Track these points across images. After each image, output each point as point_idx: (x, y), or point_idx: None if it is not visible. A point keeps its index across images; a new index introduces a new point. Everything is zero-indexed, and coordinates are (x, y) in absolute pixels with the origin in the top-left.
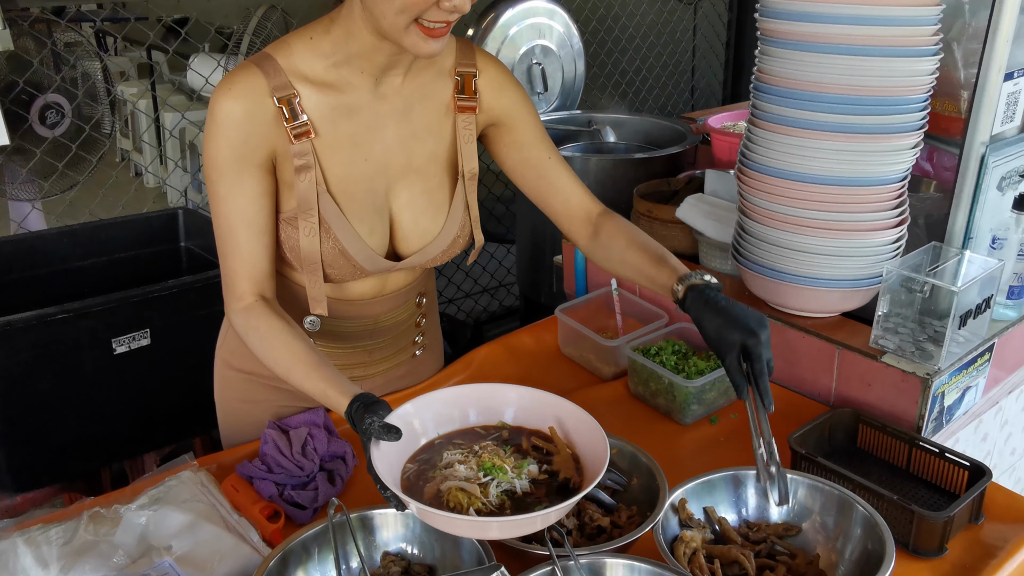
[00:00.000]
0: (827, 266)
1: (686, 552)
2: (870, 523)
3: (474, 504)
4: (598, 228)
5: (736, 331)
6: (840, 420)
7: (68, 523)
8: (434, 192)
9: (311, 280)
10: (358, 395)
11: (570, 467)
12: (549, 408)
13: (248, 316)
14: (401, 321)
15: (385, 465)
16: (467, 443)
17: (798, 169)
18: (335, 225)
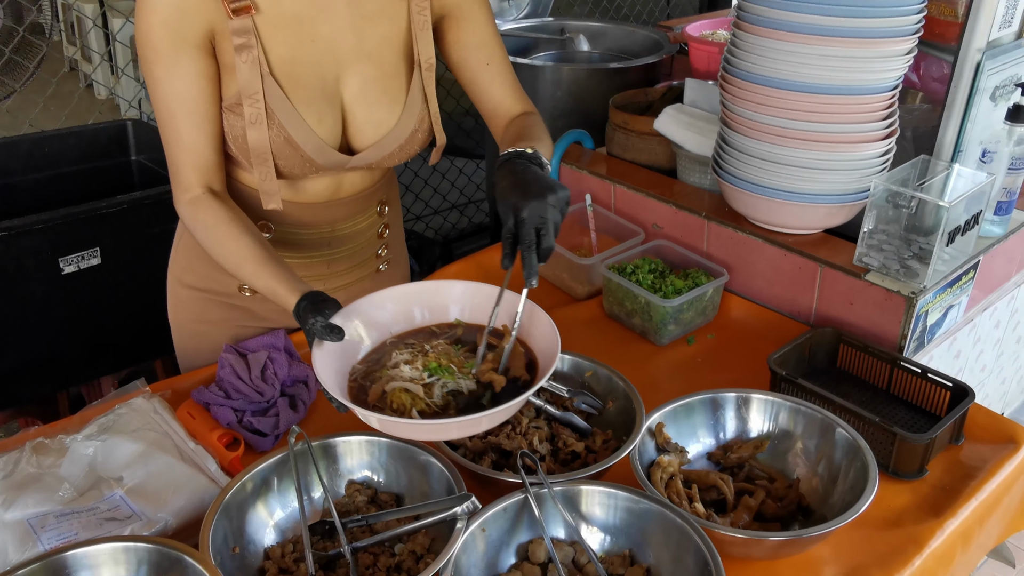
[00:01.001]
0: (812, 180)
1: (663, 477)
2: (852, 446)
3: (417, 405)
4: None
5: (514, 194)
6: (821, 340)
7: (9, 454)
8: (389, 80)
9: (262, 172)
10: (308, 293)
11: (520, 364)
12: (503, 304)
13: (195, 208)
14: (361, 230)
15: (329, 366)
16: (420, 342)
17: (784, 76)
18: (279, 111)
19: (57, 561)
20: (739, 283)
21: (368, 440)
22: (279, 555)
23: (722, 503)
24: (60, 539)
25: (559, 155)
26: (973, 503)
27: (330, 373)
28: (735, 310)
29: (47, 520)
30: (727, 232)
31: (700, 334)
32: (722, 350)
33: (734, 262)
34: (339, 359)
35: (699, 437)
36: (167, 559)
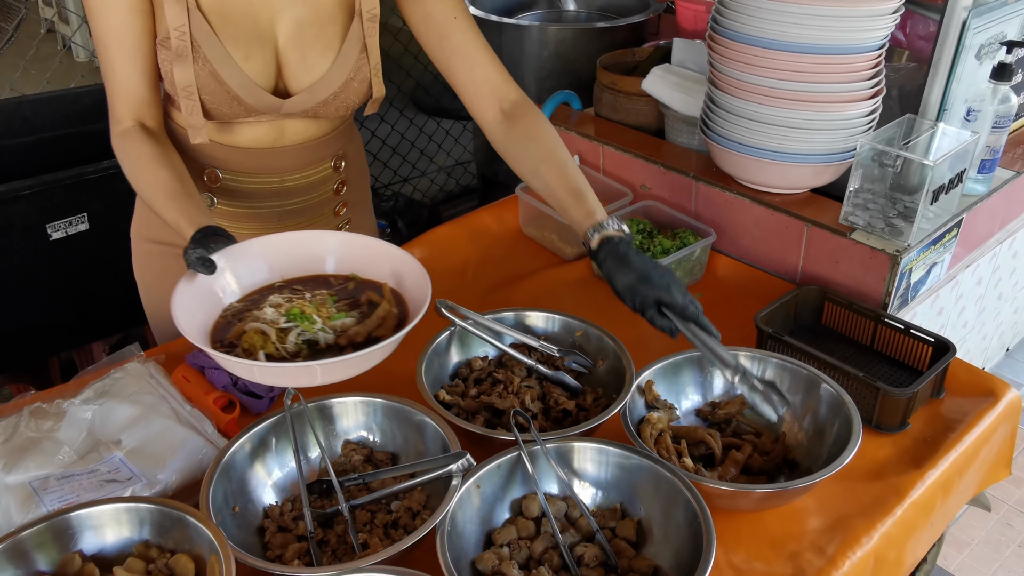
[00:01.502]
0: (799, 140)
1: (652, 434)
2: (837, 401)
3: (267, 348)
4: (512, 119)
5: (649, 288)
6: (806, 298)
7: (7, 419)
8: (325, 25)
9: (187, 106)
10: (204, 227)
11: (389, 326)
12: (389, 260)
13: (124, 141)
14: (313, 184)
15: (190, 298)
16: (306, 289)
17: (772, 36)
18: (205, 45)
19: (62, 522)
20: (726, 243)
21: (364, 401)
22: (278, 514)
23: (710, 458)
24: (62, 501)
25: (547, 116)
26: (953, 454)
27: (195, 307)
28: (722, 269)
29: (48, 483)
30: (715, 192)
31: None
32: (710, 309)
33: (721, 222)
34: (212, 295)
35: (687, 394)
36: (168, 519)
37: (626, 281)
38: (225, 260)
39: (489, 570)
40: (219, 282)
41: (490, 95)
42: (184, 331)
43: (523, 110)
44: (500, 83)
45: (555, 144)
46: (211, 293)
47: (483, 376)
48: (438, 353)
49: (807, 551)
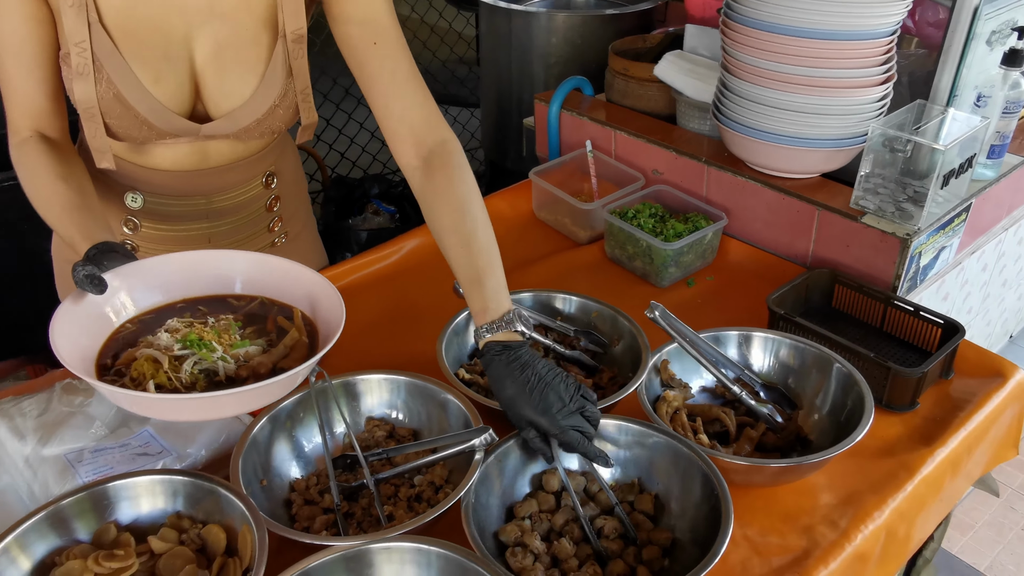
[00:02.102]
0: (810, 125)
1: (668, 411)
2: (849, 380)
3: (158, 378)
4: (429, 168)
5: (527, 408)
6: (817, 281)
7: (40, 395)
8: (245, 48)
9: (90, 128)
10: (100, 243)
11: (299, 355)
12: (301, 283)
13: (20, 152)
14: (243, 203)
15: (78, 322)
16: (208, 312)
17: (785, 22)
18: (108, 64)
19: (99, 492)
20: (737, 227)
21: (387, 378)
22: (304, 487)
23: (725, 435)
24: (97, 473)
25: (559, 102)
26: (962, 433)
27: (74, 328)
28: (733, 253)
29: (83, 455)
30: (726, 177)
31: (699, 276)
32: (721, 292)
33: (732, 206)
34: (101, 316)
35: (702, 373)
36: (200, 490)
37: (504, 394)
38: (120, 279)
39: (512, 541)
40: (112, 303)
41: (407, 137)
42: (63, 358)
43: (440, 160)
44: (419, 123)
45: (464, 211)
46: (101, 316)
47: None
48: (457, 333)
49: (820, 524)
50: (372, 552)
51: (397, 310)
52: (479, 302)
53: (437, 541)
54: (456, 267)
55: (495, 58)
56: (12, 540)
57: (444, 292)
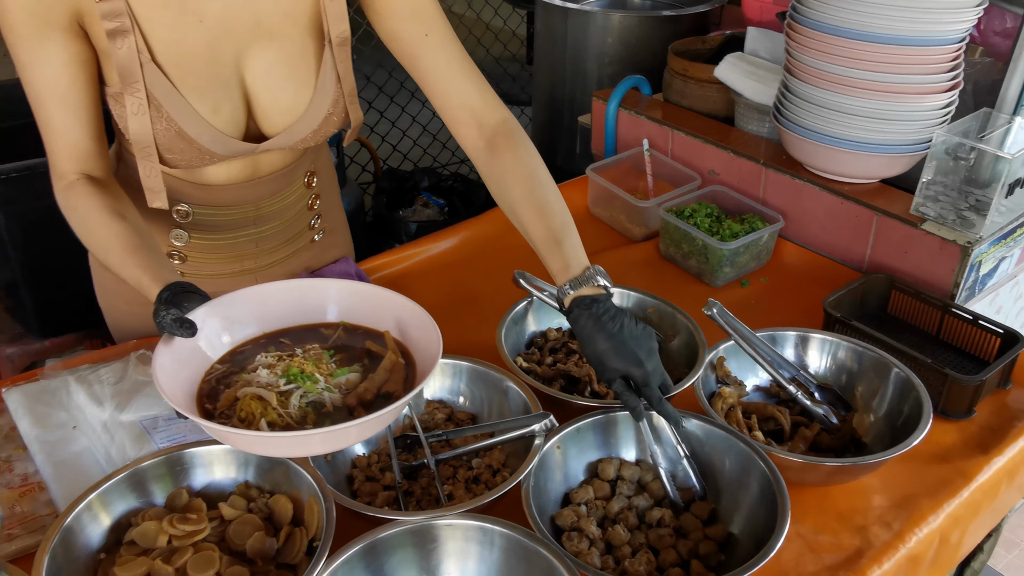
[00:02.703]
0: (874, 130)
1: (723, 407)
2: (907, 385)
3: (268, 416)
4: (493, 147)
5: (618, 360)
6: (873, 286)
7: (116, 364)
8: (295, 61)
9: (144, 167)
10: (171, 283)
11: (397, 378)
12: (389, 306)
13: (68, 195)
14: (288, 205)
15: (171, 366)
16: (294, 343)
17: (853, 26)
18: (167, 102)
19: (175, 457)
20: (793, 229)
21: (450, 363)
22: (365, 464)
23: (779, 433)
24: (171, 440)
25: (617, 100)
26: (1020, 443)
27: (174, 373)
28: (788, 255)
29: (157, 423)
30: (784, 179)
31: (754, 277)
32: (775, 293)
33: (789, 209)
34: (193, 357)
35: (757, 372)
36: (269, 461)
37: (596, 348)
38: (207, 316)
39: (568, 525)
40: (205, 341)
41: (468, 120)
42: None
43: (504, 138)
44: (479, 106)
45: (535, 180)
46: (196, 352)
47: (557, 346)
48: (516, 321)
49: (874, 525)
50: (437, 528)
51: (454, 298)
52: (559, 261)
53: (500, 520)
54: (532, 233)
55: (549, 56)
56: (95, 497)
57: (500, 281)
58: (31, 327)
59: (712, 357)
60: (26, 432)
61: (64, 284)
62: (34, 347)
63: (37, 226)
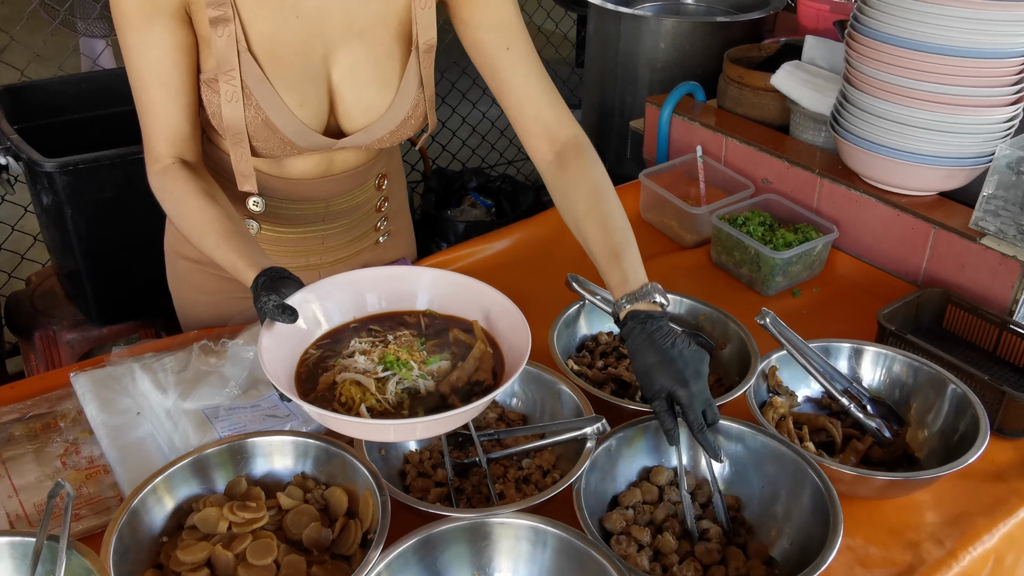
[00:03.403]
0: (934, 142)
1: (774, 417)
2: (963, 402)
3: (367, 401)
4: (563, 161)
5: (666, 376)
6: (929, 299)
7: (179, 353)
8: (382, 62)
9: (237, 152)
10: (267, 268)
11: (487, 367)
12: (477, 297)
13: (164, 179)
14: (358, 205)
15: (280, 349)
16: (384, 330)
17: (915, 37)
18: (257, 91)
19: (237, 446)
20: (847, 240)
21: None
22: (418, 460)
23: (830, 445)
24: (232, 429)
25: (672, 106)
26: None
27: (276, 357)
28: (841, 266)
29: (219, 412)
30: (839, 189)
31: (806, 287)
32: (827, 304)
33: (844, 219)
34: (290, 341)
35: (808, 383)
36: (326, 453)
37: (643, 364)
38: (302, 302)
39: (617, 529)
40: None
41: (541, 134)
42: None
43: (573, 152)
44: (552, 121)
45: (601, 195)
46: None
47: (608, 350)
48: (568, 324)
49: (926, 542)
50: (490, 525)
51: None
52: (618, 275)
53: (553, 521)
54: (593, 246)
55: (601, 60)
56: (160, 482)
57: (552, 284)
58: (91, 314)
59: (764, 366)
60: (93, 416)
61: (122, 273)
62: (93, 334)
63: (100, 217)
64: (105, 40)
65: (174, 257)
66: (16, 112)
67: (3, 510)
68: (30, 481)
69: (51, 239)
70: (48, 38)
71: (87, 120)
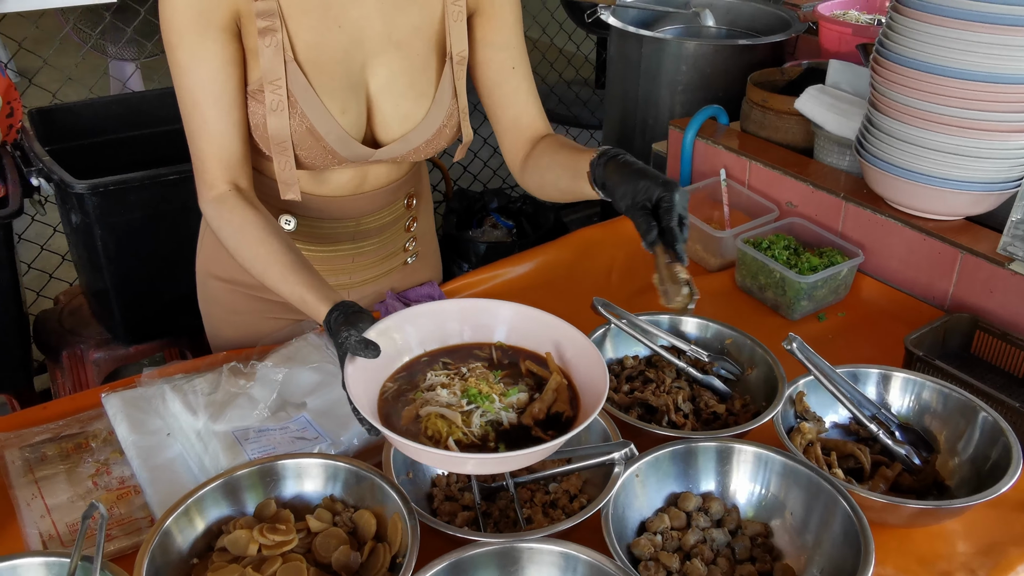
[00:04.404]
0: (961, 167)
1: (802, 443)
2: (995, 429)
3: (454, 434)
4: (534, 146)
5: (649, 182)
6: (956, 325)
7: (209, 375)
8: (418, 73)
9: (280, 161)
10: (339, 303)
11: (564, 398)
12: (547, 330)
13: (221, 208)
14: (387, 224)
15: (362, 384)
16: (455, 363)
17: (943, 62)
18: (302, 99)
19: (267, 468)
20: (872, 264)
21: None
22: (445, 483)
23: (858, 472)
24: (262, 451)
25: (695, 129)
26: None
27: (362, 392)
28: (866, 290)
29: (249, 434)
30: (865, 214)
31: (831, 311)
32: (852, 328)
33: (869, 243)
34: (370, 376)
35: (836, 409)
36: (355, 476)
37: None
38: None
39: (646, 556)
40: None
41: (530, 139)
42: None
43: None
44: (541, 127)
45: (564, 139)
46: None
47: (634, 374)
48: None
49: (958, 572)
50: (520, 550)
51: None
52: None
53: (583, 548)
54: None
55: (622, 82)
56: (192, 503)
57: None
58: (117, 333)
59: (791, 392)
60: (123, 437)
61: (149, 293)
62: (119, 353)
63: (128, 237)
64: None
65: (206, 277)
66: (48, 134)
67: (36, 529)
68: (62, 501)
69: (80, 258)
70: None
71: (116, 141)
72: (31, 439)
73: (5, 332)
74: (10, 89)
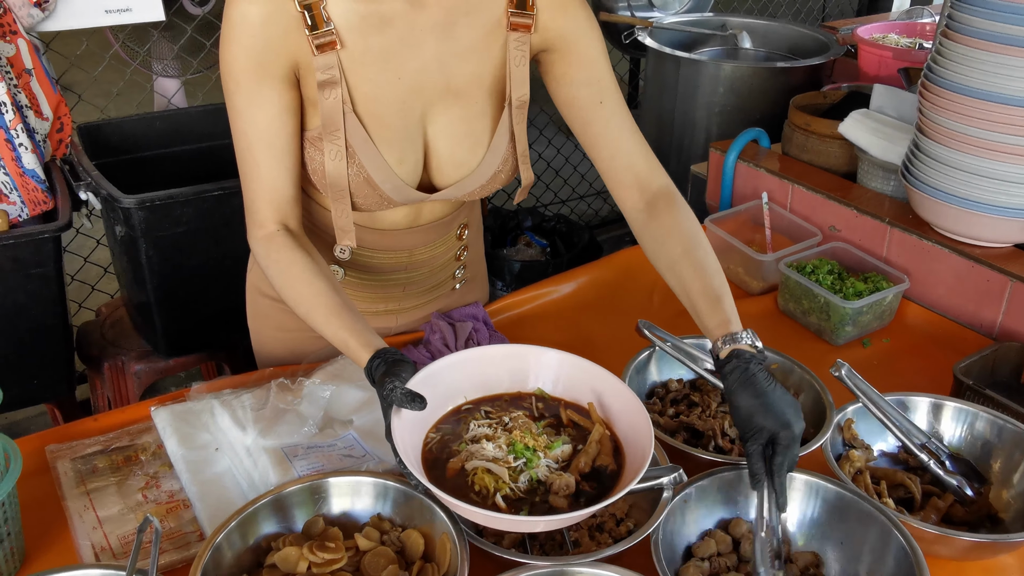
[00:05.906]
0: (1011, 194)
1: (851, 471)
2: None
3: (502, 489)
4: (653, 209)
5: (770, 418)
6: (1007, 354)
7: (257, 391)
8: (475, 120)
9: (338, 208)
10: (380, 351)
11: (607, 450)
12: (589, 379)
13: (269, 247)
14: (439, 254)
15: (407, 434)
16: (497, 412)
17: (991, 88)
18: (361, 150)
19: (316, 485)
20: (917, 290)
21: None
22: None
23: (909, 502)
24: (310, 468)
25: (737, 152)
26: None
27: (408, 444)
28: (912, 317)
29: (297, 450)
30: (910, 239)
31: (875, 337)
32: (897, 355)
33: (914, 270)
34: (414, 427)
35: (885, 437)
36: (404, 495)
37: (748, 403)
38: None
39: None
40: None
41: (632, 184)
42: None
43: (666, 201)
44: (644, 171)
45: (696, 241)
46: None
47: (679, 397)
48: (638, 371)
49: None
50: (570, 574)
51: (572, 343)
52: (718, 316)
53: (632, 573)
54: (690, 290)
55: (658, 103)
56: (243, 519)
57: (619, 328)
58: (158, 346)
59: (840, 419)
60: (173, 451)
61: (190, 307)
62: (159, 365)
63: (172, 251)
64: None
65: (255, 295)
66: (95, 148)
67: (88, 541)
68: (113, 513)
69: (123, 271)
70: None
71: (160, 156)
72: (82, 451)
73: (52, 344)
74: (61, 105)
